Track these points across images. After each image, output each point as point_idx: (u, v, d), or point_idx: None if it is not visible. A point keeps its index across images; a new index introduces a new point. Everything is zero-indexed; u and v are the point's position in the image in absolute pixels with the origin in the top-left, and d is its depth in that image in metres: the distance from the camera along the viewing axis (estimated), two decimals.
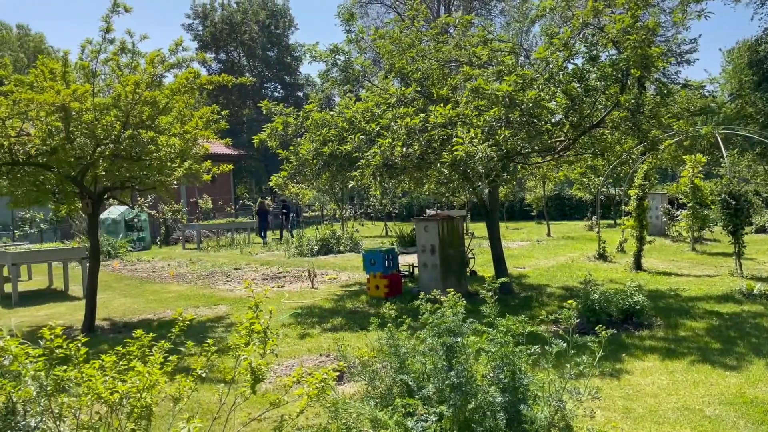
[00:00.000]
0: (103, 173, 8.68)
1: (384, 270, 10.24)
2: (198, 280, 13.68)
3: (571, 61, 8.45)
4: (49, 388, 2.87)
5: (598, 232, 15.39)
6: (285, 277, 13.51)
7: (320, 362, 6.44)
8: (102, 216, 23.30)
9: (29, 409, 3.71)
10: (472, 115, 8.16)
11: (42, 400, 3.27)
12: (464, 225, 10.49)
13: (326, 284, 12.18)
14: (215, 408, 4.73)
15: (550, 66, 8.25)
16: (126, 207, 23.72)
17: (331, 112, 10.34)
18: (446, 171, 7.66)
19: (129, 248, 21.56)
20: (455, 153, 7.45)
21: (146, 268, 16.67)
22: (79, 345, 3.08)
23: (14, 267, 11.51)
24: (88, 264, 11.24)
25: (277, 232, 25.66)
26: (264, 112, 10.96)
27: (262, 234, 25.02)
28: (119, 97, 8.07)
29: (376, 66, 11.46)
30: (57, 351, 3.00)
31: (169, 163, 8.55)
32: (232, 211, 31.45)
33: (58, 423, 2.98)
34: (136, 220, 24.12)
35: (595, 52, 8.20)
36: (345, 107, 10.17)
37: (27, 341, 3.37)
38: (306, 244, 18.48)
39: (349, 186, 10.24)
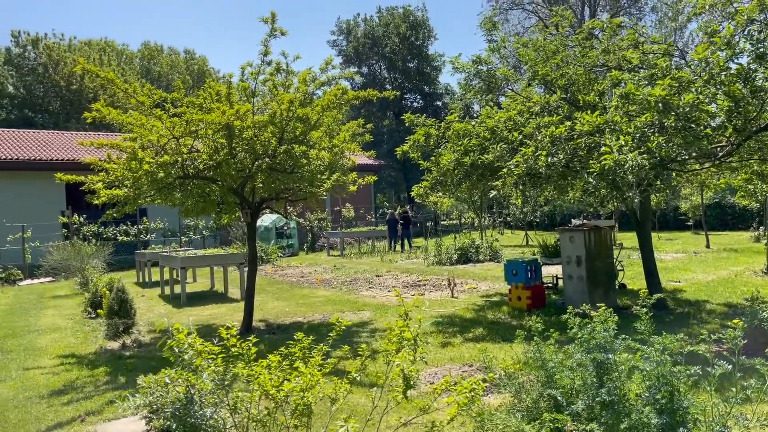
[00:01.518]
0: (261, 185, 9.38)
1: (526, 281, 10.07)
2: (342, 285, 14.27)
3: (735, 60, 7.83)
4: (226, 383, 3.19)
5: (766, 244, 14.00)
6: (425, 285, 13.70)
7: (464, 372, 6.48)
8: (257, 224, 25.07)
9: (204, 401, 4.13)
10: (622, 121, 7.82)
11: (218, 392, 3.64)
12: (612, 235, 10.05)
13: (466, 294, 12.19)
14: (366, 410, 4.95)
15: (710, 66, 7.70)
16: (276, 215, 25.31)
17: (473, 122, 10.37)
18: (593, 181, 7.40)
19: (279, 254, 22.97)
20: (603, 162, 7.19)
21: (295, 273, 17.68)
22: (250, 345, 3.39)
23: (182, 270, 12.74)
24: (245, 269, 12.16)
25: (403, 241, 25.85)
26: (407, 124, 11.24)
27: (393, 243, 25.23)
28: (275, 115, 8.69)
29: (517, 73, 11.33)
30: (232, 349, 3.33)
31: (319, 176, 9.06)
32: (373, 220, 32.40)
33: (233, 415, 3.30)
34: (285, 227, 25.65)
35: (762, 49, 7.53)
36: (486, 117, 10.16)
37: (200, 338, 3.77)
38: (445, 252, 18.60)
39: (491, 195, 10.20)
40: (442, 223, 34.56)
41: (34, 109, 39.52)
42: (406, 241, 25.19)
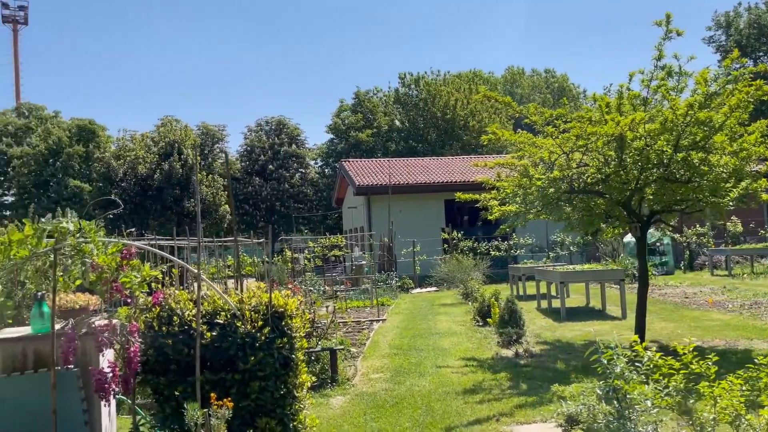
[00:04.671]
0: (650, 197, 8.87)
1: None
2: (742, 309, 12.54)
3: None
4: (690, 402, 3.02)
5: None
6: None
7: None
8: (625, 239, 23.91)
9: (636, 417, 3.99)
10: None
11: (657, 411, 3.48)
12: None
13: None
14: None
15: None
16: (649, 230, 23.73)
17: None
18: None
19: (653, 272, 21.43)
20: None
21: (677, 293, 16.24)
22: (710, 363, 3.16)
23: (562, 285, 12.83)
24: (626, 285, 11.62)
25: None
26: None
27: None
28: (666, 121, 8.13)
29: None
30: (691, 366, 3.15)
31: (722, 184, 8.14)
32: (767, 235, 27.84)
33: None
34: (658, 244, 23.84)
35: None
36: None
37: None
38: None
39: None
40: None
41: (416, 139, 45.17)
42: None
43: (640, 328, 8.86)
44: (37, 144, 41.01)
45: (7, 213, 41.74)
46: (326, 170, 46.80)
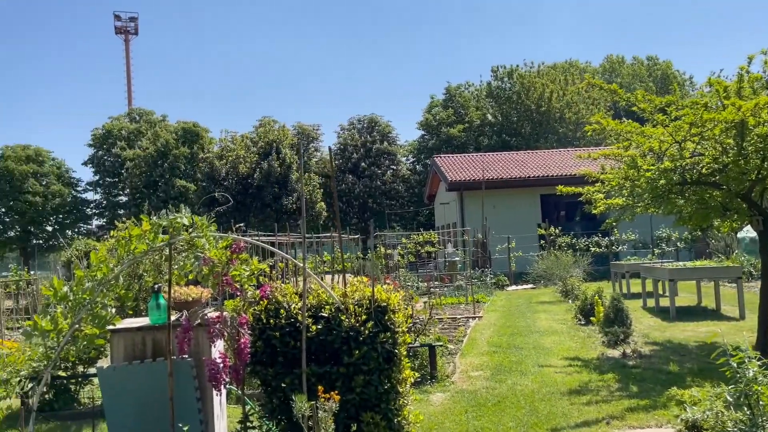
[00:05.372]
0: None
1: None
2: None
3: None
4: None
5: None
6: None
7: None
8: (740, 234, 22.31)
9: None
10: None
11: None
12: None
13: None
14: None
15: None
16: None
17: None
18: None
19: None
20: None
21: None
22: None
23: (672, 283, 12.11)
24: (743, 284, 10.79)
25: None
26: None
27: None
28: None
29: None
30: None
31: None
32: None
33: None
34: None
35: None
36: None
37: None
38: None
39: None
40: None
41: (509, 133, 44.25)
42: None
43: (764, 331, 8.19)
44: (147, 146, 43.66)
45: (121, 212, 44.71)
46: (417, 167, 46.81)
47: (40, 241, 46.64)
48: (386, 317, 4.77)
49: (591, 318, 11.07)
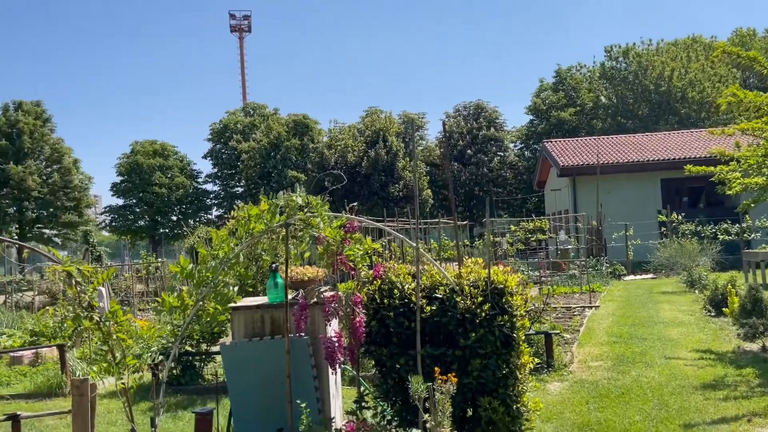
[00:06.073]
0: None
1: None
2: None
3: None
4: None
5: None
6: None
7: None
8: None
9: None
10: None
11: None
12: None
13: None
14: None
15: None
16: None
17: None
18: None
19: None
20: None
21: None
22: None
23: None
24: None
25: None
26: None
27: None
28: None
29: None
30: None
31: None
32: None
33: None
34: None
35: None
36: None
37: None
38: None
39: None
40: None
41: (625, 116, 41.91)
42: None
43: None
44: (260, 139, 45.50)
45: (238, 202, 46.99)
46: (526, 153, 45.51)
47: (166, 230, 49.95)
48: (503, 299, 4.58)
49: (723, 309, 10.21)
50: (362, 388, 4.83)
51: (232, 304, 4.76)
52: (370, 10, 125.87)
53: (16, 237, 40.14)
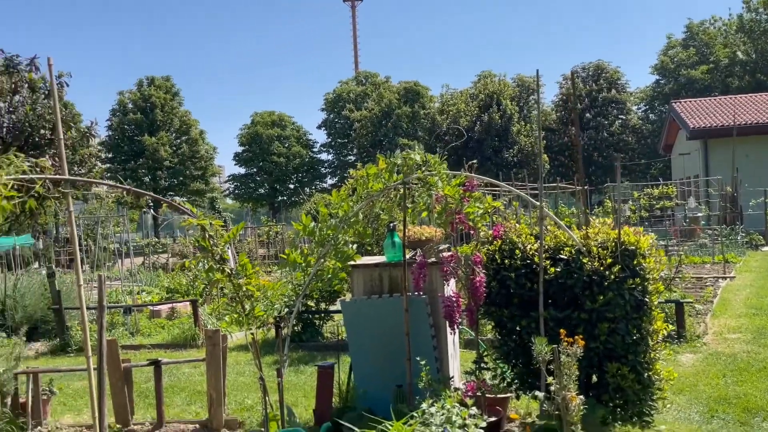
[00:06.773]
0: None
1: None
2: None
3: None
4: None
5: None
6: None
7: None
8: None
9: None
10: None
11: None
12: None
13: None
14: None
15: None
16: None
17: None
18: None
19: None
20: None
21: None
22: None
23: None
24: None
25: None
26: None
27: None
28: None
29: None
30: None
31: None
32: None
33: None
34: None
35: None
36: None
37: None
38: None
39: None
40: None
41: (765, 72, 38.13)
42: None
43: None
44: (372, 107, 45.89)
45: (351, 171, 47.94)
46: (650, 115, 42.69)
47: (285, 198, 52.01)
48: (635, 261, 4.30)
49: None
50: (481, 350, 4.76)
51: (352, 262, 4.81)
52: None
53: (151, 204, 43.47)
